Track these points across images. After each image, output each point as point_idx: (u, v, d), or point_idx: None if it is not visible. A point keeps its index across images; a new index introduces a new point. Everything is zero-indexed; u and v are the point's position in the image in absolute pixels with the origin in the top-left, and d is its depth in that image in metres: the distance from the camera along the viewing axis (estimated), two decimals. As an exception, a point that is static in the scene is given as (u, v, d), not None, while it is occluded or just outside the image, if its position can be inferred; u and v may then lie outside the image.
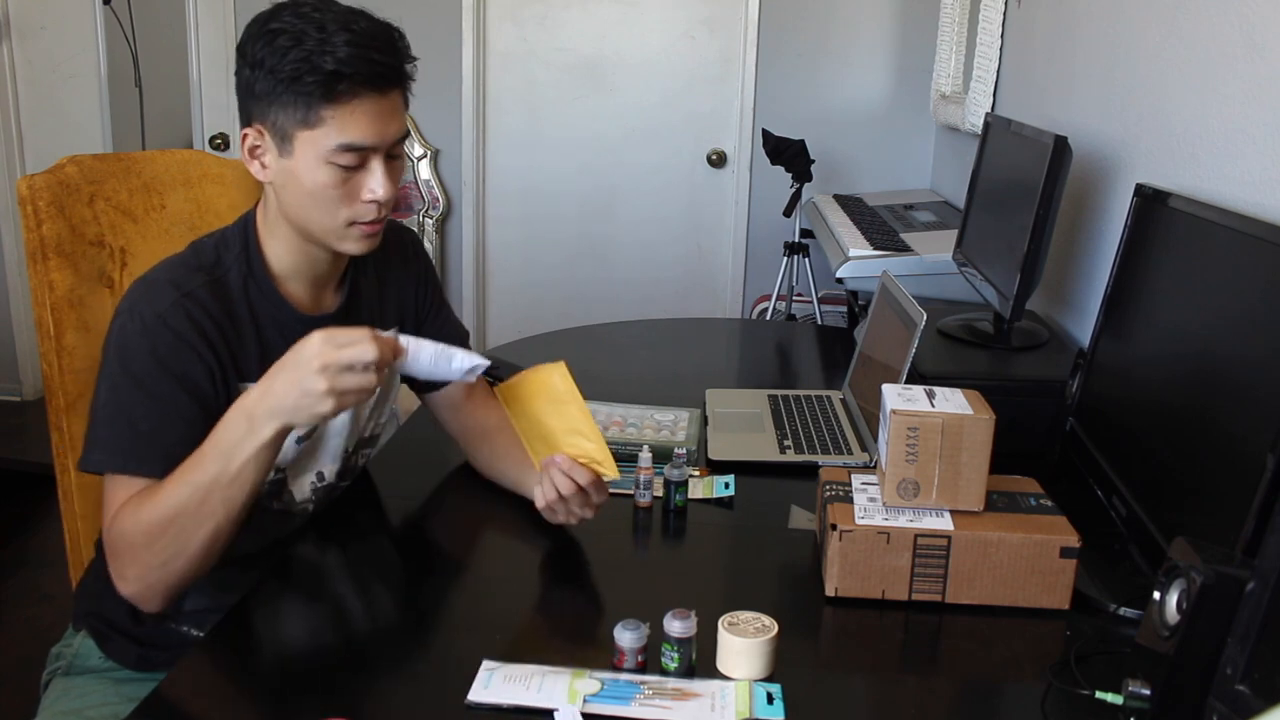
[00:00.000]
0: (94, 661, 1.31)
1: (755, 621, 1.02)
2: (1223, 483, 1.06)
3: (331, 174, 1.13)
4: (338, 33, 1.09)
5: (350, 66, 1.09)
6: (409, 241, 1.44)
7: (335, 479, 1.34)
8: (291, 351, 1.06)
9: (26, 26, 3.60)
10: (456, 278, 3.87)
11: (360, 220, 1.17)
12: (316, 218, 1.17)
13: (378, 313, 1.35)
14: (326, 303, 1.29)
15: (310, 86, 1.09)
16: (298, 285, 1.25)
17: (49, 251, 1.35)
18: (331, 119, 1.11)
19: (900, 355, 1.46)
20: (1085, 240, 1.88)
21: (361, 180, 1.15)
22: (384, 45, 1.12)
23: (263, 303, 1.22)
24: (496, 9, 3.68)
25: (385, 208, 1.17)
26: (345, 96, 1.10)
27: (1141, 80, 1.70)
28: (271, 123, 1.13)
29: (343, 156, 1.12)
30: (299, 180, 1.14)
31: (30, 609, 2.52)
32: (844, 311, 3.35)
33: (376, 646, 1.07)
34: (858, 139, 3.59)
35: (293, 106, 1.11)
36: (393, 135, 1.15)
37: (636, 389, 1.84)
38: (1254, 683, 0.80)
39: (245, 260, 1.22)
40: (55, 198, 1.36)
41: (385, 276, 1.37)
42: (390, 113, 1.14)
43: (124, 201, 1.46)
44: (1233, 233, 1.15)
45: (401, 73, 1.15)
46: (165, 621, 1.27)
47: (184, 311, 1.14)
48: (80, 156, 1.42)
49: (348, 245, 1.19)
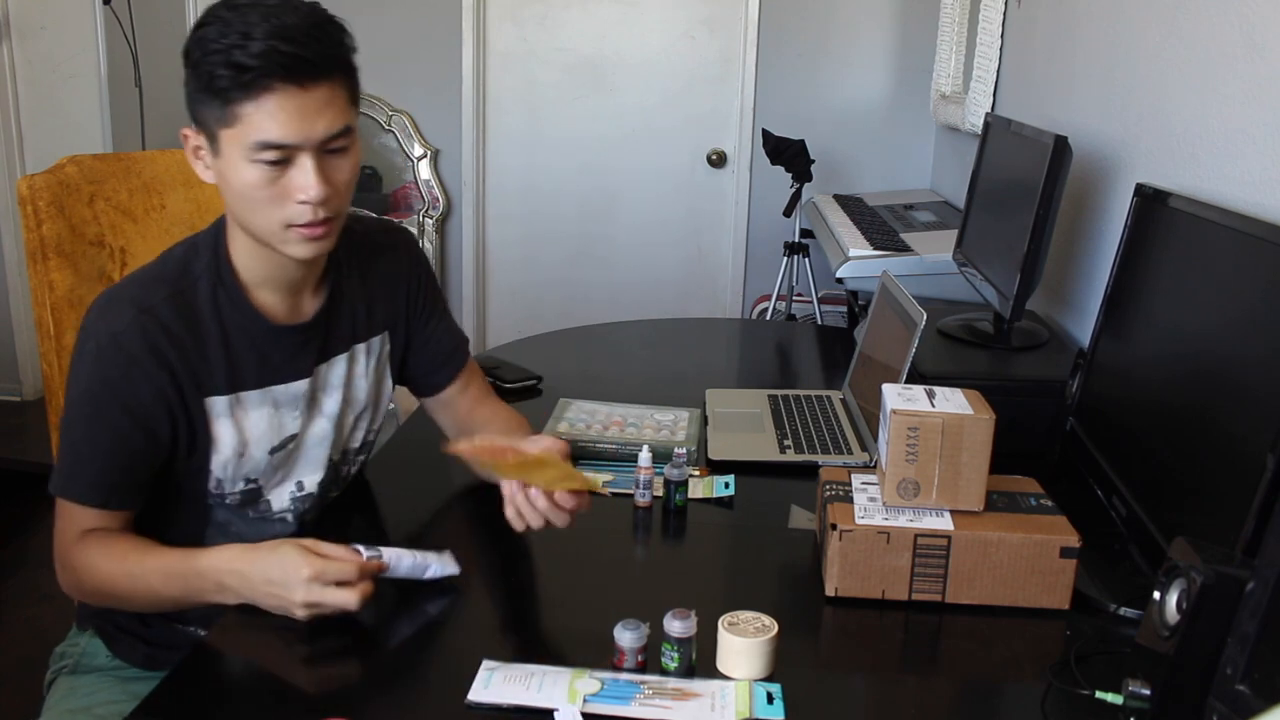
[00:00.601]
0: (101, 660, 1.31)
1: (755, 621, 1.02)
2: (1223, 483, 1.06)
3: (257, 173, 1.08)
4: (259, 25, 1.04)
5: (260, 60, 1.03)
6: (402, 243, 1.39)
7: (319, 489, 1.30)
8: (276, 563, 1.06)
9: (26, 26, 3.60)
10: (456, 278, 3.87)
11: (296, 222, 1.10)
12: (253, 220, 1.12)
13: (362, 319, 1.31)
14: (304, 309, 1.24)
15: (223, 81, 1.04)
16: (269, 293, 1.20)
17: (49, 251, 1.35)
18: (246, 115, 1.05)
19: (900, 355, 1.46)
20: (1085, 240, 1.88)
21: (291, 179, 1.09)
22: (306, 37, 1.05)
23: (233, 313, 1.18)
24: (496, 9, 3.68)
25: (325, 208, 1.11)
26: (258, 91, 1.04)
27: (1141, 80, 1.70)
28: (201, 121, 1.10)
29: (264, 154, 1.07)
30: (230, 181, 1.10)
31: (30, 609, 2.52)
32: (844, 311, 3.35)
33: (376, 646, 1.07)
34: (858, 139, 3.60)
35: (211, 104, 1.07)
36: (321, 132, 1.08)
37: (636, 389, 1.83)
38: (1254, 683, 0.80)
39: (215, 269, 1.18)
40: (55, 198, 1.36)
41: (372, 278, 1.33)
42: (316, 108, 1.07)
43: (124, 201, 1.46)
44: (1233, 233, 1.15)
45: (327, 64, 1.08)
46: (172, 623, 1.27)
47: (140, 330, 1.12)
48: (80, 156, 1.42)
49: (290, 249, 1.13)
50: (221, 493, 1.22)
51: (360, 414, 1.33)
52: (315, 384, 1.26)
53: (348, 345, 1.29)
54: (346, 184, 1.14)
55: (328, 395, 1.28)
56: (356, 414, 1.33)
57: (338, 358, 1.28)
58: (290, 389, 1.23)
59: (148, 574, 1.13)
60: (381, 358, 1.35)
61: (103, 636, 1.32)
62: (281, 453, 1.24)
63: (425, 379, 1.42)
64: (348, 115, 1.11)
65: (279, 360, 1.22)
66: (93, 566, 1.15)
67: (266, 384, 1.21)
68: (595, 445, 1.54)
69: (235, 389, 1.19)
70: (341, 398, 1.29)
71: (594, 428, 1.60)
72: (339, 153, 1.12)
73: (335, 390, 1.28)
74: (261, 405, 1.21)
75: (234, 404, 1.19)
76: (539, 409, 1.70)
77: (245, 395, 1.20)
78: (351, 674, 1.03)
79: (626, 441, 1.54)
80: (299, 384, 1.24)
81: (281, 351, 1.22)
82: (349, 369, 1.30)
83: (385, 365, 1.36)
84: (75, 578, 1.17)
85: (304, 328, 1.23)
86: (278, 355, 1.22)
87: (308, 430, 1.26)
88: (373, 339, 1.33)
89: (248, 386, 1.20)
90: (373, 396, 1.35)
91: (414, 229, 3.77)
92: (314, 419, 1.27)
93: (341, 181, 1.12)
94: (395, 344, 1.37)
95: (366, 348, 1.32)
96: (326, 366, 1.27)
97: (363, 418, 1.34)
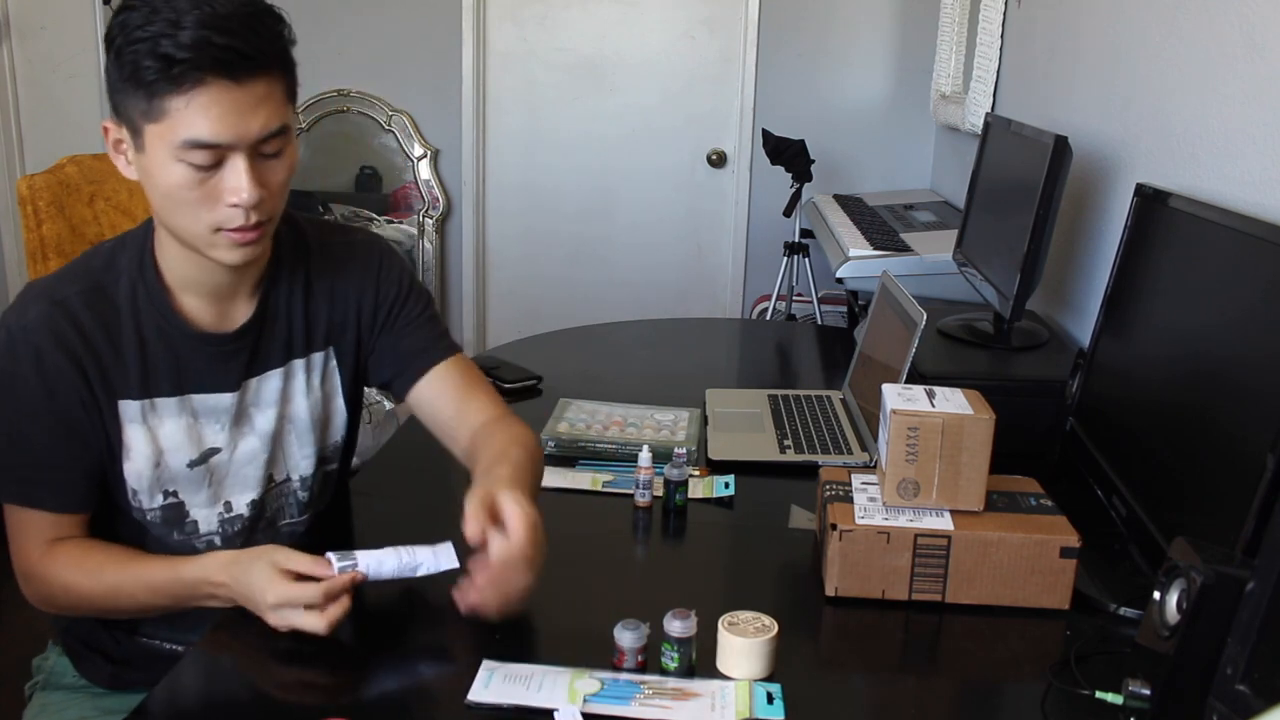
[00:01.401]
0: (69, 679, 1.29)
1: (755, 621, 1.02)
2: (1223, 483, 1.06)
3: (184, 173, 1.00)
4: (188, 13, 0.95)
5: (191, 52, 0.95)
6: (378, 252, 1.29)
7: (250, 510, 1.22)
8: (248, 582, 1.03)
9: (26, 26, 3.60)
10: (456, 278, 3.87)
11: (225, 226, 1.03)
12: (179, 222, 1.04)
13: (300, 334, 1.22)
14: (233, 318, 1.16)
15: (150, 73, 0.96)
16: (194, 298, 1.13)
17: (49, 251, 1.35)
18: (174, 110, 0.97)
19: (900, 355, 1.46)
20: (1085, 240, 1.88)
21: (221, 180, 1.01)
22: (241, 27, 0.97)
23: (151, 314, 1.12)
24: (496, 9, 3.68)
25: (258, 211, 1.03)
26: (188, 86, 0.96)
27: (1141, 80, 1.70)
28: (125, 114, 1.02)
29: (193, 154, 0.99)
30: (154, 179, 1.02)
31: (30, 609, 2.51)
32: (844, 311, 3.35)
33: (376, 647, 1.07)
34: (858, 139, 3.59)
35: (136, 97, 0.99)
36: (256, 131, 1.00)
37: (636, 389, 1.83)
38: (1254, 683, 0.80)
39: (138, 266, 1.12)
40: (55, 198, 1.37)
41: (318, 292, 1.23)
42: (251, 105, 0.99)
43: (124, 201, 1.46)
44: (1233, 233, 1.15)
45: (264, 58, 1.00)
46: (134, 636, 1.24)
47: (49, 325, 1.07)
48: (80, 156, 1.42)
49: (218, 254, 1.06)
50: (140, 506, 1.16)
51: (304, 433, 1.24)
52: (245, 399, 1.19)
53: (283, 360, 1.21)
54: (281, 186, 1.07)
55: (260, 412, 1.21)
56: (299, 433, 1.24)
57: (271, 372, 1.21)
58: (211, 400, 1.17)
59: (132, 588, 1.11)
60: (327, 374, 1.26)
61: (70, 655, 1.28)
62: (202, 466, 1.17)
63: (396, 381, 1.29)
64: (284, 113, 1.04)
65: (199, 368, 1.15)
66: (68, 583, 1.11)
67: (184, 392, 1.15)
68: (595, 445, 1.54)
69: (149, 394, 1.13)
70: (277, 415, 1.21)
71: (594, 428, 1.60)
72: (273, 155, 1.05)
73: (269, 407, 1.21)
74: (180, 414, 1.15)
75: (147, 409, 1.13)
76: (539, 409, 1.70)
77: (160, 402, 1.14)
78: (351, 674, 1.03)
79: (626, 441, 1.54)
80: (223, 397, 1.17)
81: (201, 359, 1.15)
82: (284, 385, 1.22)
83: (334, 382, 1.27)
84: (46, 591, 1.13)
85: (229, 337, 1.16)
86: (197, 363, 1.15)
87: (237, 447, 1.19)
88: (313, 355, 1.24)
89: (163, 393, 1.14)
90: (319, 415, 1.25)
91: (414, 229, 3.77)
92: (243, 436, 1.20)
93: (276, 183, 1.05)
94: (343, 362, 1.27)
95: (305, 364, 1.23)
96: (257, 381, 1.20)
97: (312, 436, 1.25)
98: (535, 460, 1.23)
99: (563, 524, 1.25)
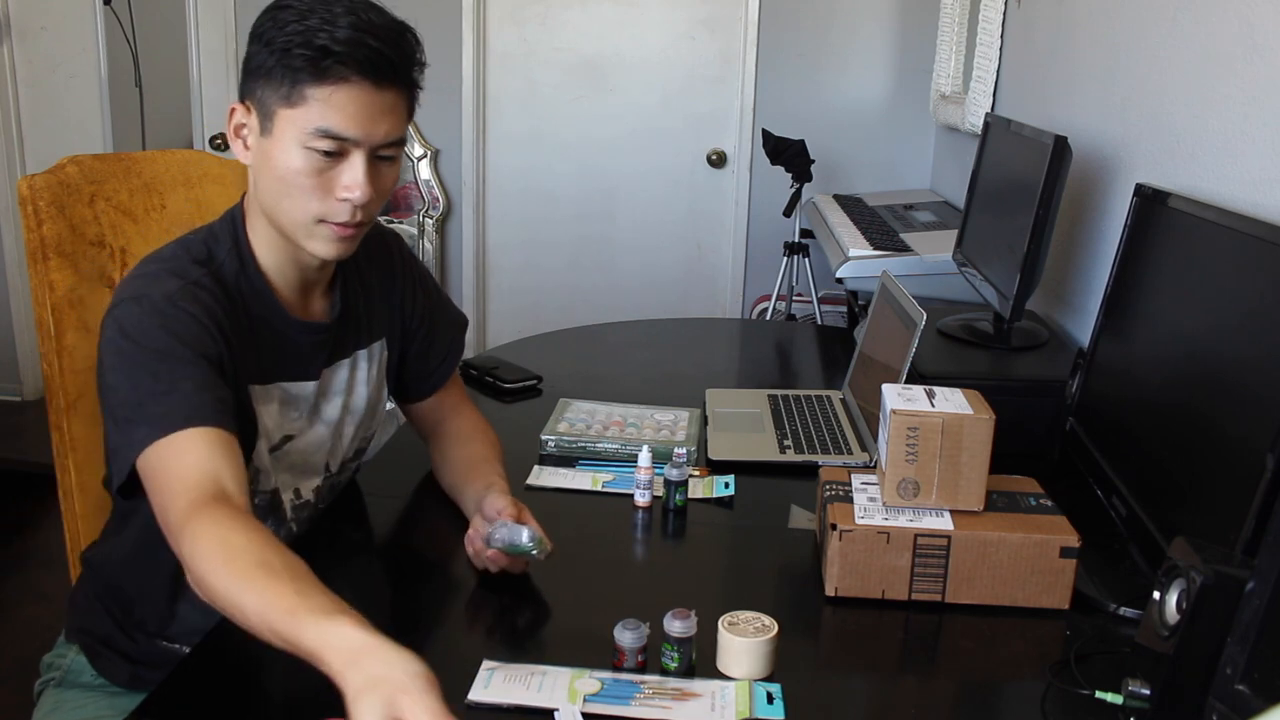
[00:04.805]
0: (86, 677, 1.28)
1: (755, 621, 1.02)
2: (1223, 483, 1.06)
3: (307, 160, 1.06)
4: (344, 15, 1.04)
5: (345, 47, 1.03)
6: (394, 247, 1.36)
7: (314, 498, 1.27)
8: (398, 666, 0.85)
9: (26, 26, 3.60)
10: (456, 278, 3.87)
11: (331, 219, 1.09)
12: (286, 207, 1.09)
13: (365, 325, 1.30)
14: (313, 309, 1.22)
15: (299, 60, 1.03)
16: (283, 286, 1.18)
17: (49, 251, 1.35)
18: (315, 99, 1.04)
19: (900, 355, 1.46)
20: (1085, 240, 1.88)
21: (338, 174, 1.07)
22: (387, 38, 1.06)
23: (256, 301, 1.16)
24: (496, 9, 3.68)
25: (362, 211, 1.09)
26: (333, 78, 1.04)
27: (1141, 80, 1.70)
28: (259, 98, 1.07)
29: (321, 142, 1.05)
30: (273, 163, 1.08)
31: (30, 609, 2.52)
32: (844, 311, 3.35)
33: (377, 646, 1.07)
34: (858, 139, 3.59)
35: (279, 81, 1.05)
36: (381, 135, 1.08)
37: (636, 389, 1.84)
38: (1254, 683, 0.80)
39: (237, 255, 1.15)
40: (55, 198, 1.36)
41: (371, 285, 1.31)
42: (382, 110, 1.07)
43: (124, 201, 1.46)
44: (1233, 233, 1.15)
45: (403, 71, 1.08)
46: (157, 639, 1.24)
47: (193, 295, 1.08)
48: (80, 156, 1.42)
49: (315, 245, 1.11)
50: (254, 489, 1.16)
51: (358, 423, 1.31)
52: (320, 388, 1.24)
53: (351, 350, 1.28)
54: (385, 193, 1.12)
55: (329, 401, 1.26)
56: (355, 422, 1.30)
57: (341, 362, 1.27)
58: (294, 388, 1.21)
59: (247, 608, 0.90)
60: (381, 364, 1.33)
61: (87, 653, 1.27)
62: (278, 453, 1.21)
63: (412, 386, 1.40)
64: (404, 127, 1.11)
65: (292, 357, 1.20)
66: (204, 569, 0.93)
67: (275, 379, 1.18)
68: (595, 445, 1.54)
69: (262, 380, 1.16)
70: (342, 404, 1.27)
71: (594, 428, 1.60)
72: (387, 160, 1.11)
73: (337, 396, 1.27)
74: (269, 400, 1.18)
75: (258, 394, 1.16)
76: (539, 409, 1.70)
77: (262, 388, 1.17)
78: (352, 674, 1.03)
79: (626, 441, 1.54)
80: (306, 385, 1.22)
81: (296, 349, 1.20)
82: (350, 375, 1.28)
83: (383, 372, 1.34)
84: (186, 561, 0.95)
85: (319, 327, 1.21)
86: (292, 352, 1.19)
87: (305, 435, 1.23)
88: (374, 345, 1.31)
89: (265, 380, 1.17)
90: (371, 404, 1.32)
91: (414, 229, 3.77)
92: (314, 424, 1.25)
93: (383, 189, 1.11)
94: (392, 351, 1.35)
95: (368, 354, 1.30)
96: (330, 371, 1.26)
97: (360, 427, 1.32)
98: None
99: (563, 524, 1.25)
